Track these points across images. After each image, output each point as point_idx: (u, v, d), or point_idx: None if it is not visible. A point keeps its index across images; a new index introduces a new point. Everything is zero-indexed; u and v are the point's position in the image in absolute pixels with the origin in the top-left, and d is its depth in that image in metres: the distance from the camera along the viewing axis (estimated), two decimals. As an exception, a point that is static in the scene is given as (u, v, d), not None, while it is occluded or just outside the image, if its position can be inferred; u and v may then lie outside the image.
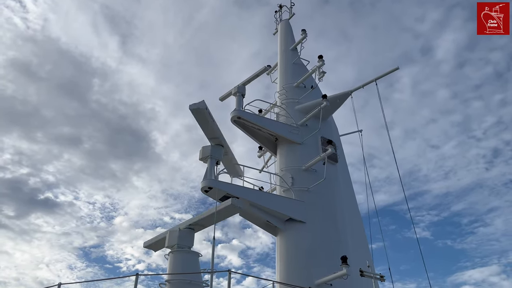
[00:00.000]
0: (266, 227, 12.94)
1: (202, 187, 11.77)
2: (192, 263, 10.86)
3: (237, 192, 12.05)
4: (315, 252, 11.81)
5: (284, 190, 13.40)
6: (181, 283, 10.39)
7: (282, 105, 15.91)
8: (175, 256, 10.88)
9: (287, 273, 11.70)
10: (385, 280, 8.88)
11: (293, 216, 12.41)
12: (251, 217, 12.63)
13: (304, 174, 13.47)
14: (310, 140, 14.20)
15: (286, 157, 14.29)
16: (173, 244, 11.04)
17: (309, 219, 12.42)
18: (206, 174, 11.88)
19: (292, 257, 12.02)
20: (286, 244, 12.34)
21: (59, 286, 6.24)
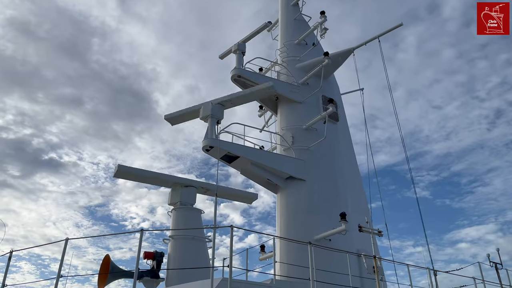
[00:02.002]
0: (266, 185, 13.15)
1: (203, 146, 11.84)
2: (195, 219, 11.15)
3: (238, 151, 12.15)
4: (314, 209, 12.07)
5: (285, 149, 13.49)
6: (184, 238, 10.74)
7: (283, 63, 15.65)
8: (178, 212, 11.15)
9: (287, 229, 12.03)
10: (383, 235, 9.14)
11: (293, 174, 12.58)
12: (252, 176, 12.81)
13: (305, 133, 13.50)
14: (311, 99, 14.10)
15: (286, 116, 14.26)
16: (176, 201, 11.27)
17: (309, 177, 12.59)
18: (207, 133, 11.91)
19: (292, 214, 12.31)
20: (287, 201, 12.60)
21: (66, 241, 6.44)
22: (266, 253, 13.16)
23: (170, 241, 10.85)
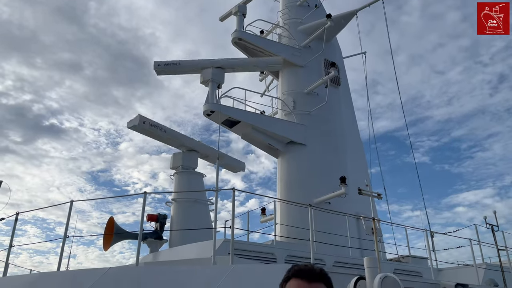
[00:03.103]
0: (268, 150, 13.23)
1: (204, 111, 11.81)
2: (197, 183, 11.31)
3: (239, 116, 12.13)
4: (315, 173, 12.20)
5: (286, 114, 13.46)
6: (186, 201, 10.93)
7: (284, 25, 15.32)
8: (180, 176, 11.29)
9: (288, 193, 12.22)
10: (382, 199, 9.30)
11: (294, 139, 12.62)
12: (253, 140, 12.86)
13: (306, 98, 13.42)
14: (312, 63, 13.91)
15: (288, 80, 14.12)
16: (177, 166, 11.38)
17: (309, 141, 12.65)
18: (207, 98, 11.85)
19: (292, 178, 12.46)
20: (287, 166, 12.72)
21: (71, 203, 6.57)
22: (267, 216, 13.44)
23: (172, 204, 11.06)
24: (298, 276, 1.44)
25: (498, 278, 10.10)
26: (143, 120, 11.53)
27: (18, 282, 6.49)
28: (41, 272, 7.15)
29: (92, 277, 5.63)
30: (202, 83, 12.37)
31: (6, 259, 7.04)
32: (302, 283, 1.42)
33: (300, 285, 1.42)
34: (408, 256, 11.37)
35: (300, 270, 1.45)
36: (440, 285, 6.68)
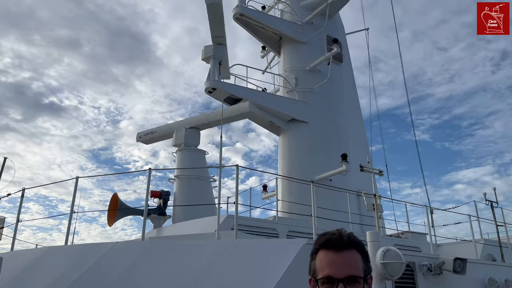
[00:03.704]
0: (269, 127, 13.25)
1: (206, 88, 11.77)
2: (199, 160, 11.37)
3: (241, 93, 12.09)
4: (316, 150, 12.26)
5: (288, 91, 13.41)
6: (189, 178, 11.02)
7: (286, 1, 15.07)
8: (182, 153, 11.35)
9: (289, 170, 12.30)
10: (383, 175, 9.37)
11: (295, 116, 12.62)
12: (255, 118, 12.85)
13: (308, 75, 13.34)
14: (315, 39, 13.76)
15: (290, 57, 14.00)
16: (180, 143, 11.43)
17: (311, 119, 12.64)
18: (209, 75, 11.78)
19: (294, 155, 12.52)
20: (289, 143, 12.76)
21: (76, 179, 6.64)
22: (268, 193, 13.57)
23: (175, 181, 11.16)
24: (326, 247, 1.37)
25: (496, 253, 10.29)
26: (139, 135, 13.05)
27: (26, 255, 6.63)
28: (49, 246, 7.29)
29: (99, 251, 5.75)
30: (203, 60, 12.27)
31: (13, 233, 7.17)
32: (331, 253, 1.35)
33: (329, 255, 1.35)
34: (408, 232, 11.55)
35: (328, 240, 1.38)
36: (439, 259, 6.83)
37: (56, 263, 6.07)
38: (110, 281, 5.30)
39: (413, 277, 6.53)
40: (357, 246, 1.38)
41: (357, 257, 1.36)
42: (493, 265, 8.46)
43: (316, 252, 1.40)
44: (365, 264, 1.37)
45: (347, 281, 1.30)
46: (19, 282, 5.89)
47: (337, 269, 1.31)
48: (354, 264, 1.34)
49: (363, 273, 1.34)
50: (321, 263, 1.36)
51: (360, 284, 1.32)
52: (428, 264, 6.72)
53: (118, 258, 5.62)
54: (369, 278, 1.37)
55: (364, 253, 1.39)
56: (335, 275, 1.30)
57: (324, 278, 1.32)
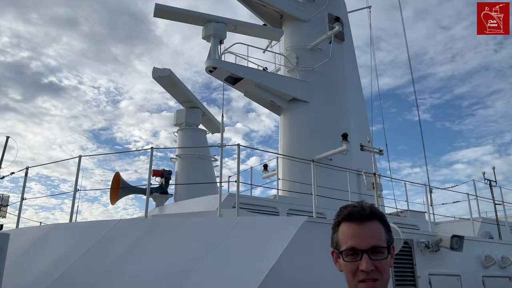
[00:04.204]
0: (270, 107, 13.24)
1: (207, 67, 11.69)
2: (200, 139, 11.42)
3: (242, 73, 12.02)
4: (317, 130, 12.28)
5: (289, 70, 13.34)
6: (190, 157, 11.10)
7: (288, -22, 14.80)
8: (183, 133, 11.39)
9: (290, 150, 12.36)
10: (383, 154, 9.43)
11: (296, 96, 12.59)
12: (256, 98, 12.83)
13: (309, 54, 13.24)
14: (316, 17, 13.59)
15: (291, 36, 13.86)
16: (181, 122, 11.45)
17: (312, 99, 12.62)
18: (209, 54, 11.68)
19: (294, 135, 12.56)
20: (289, 123, 12.78)
21: (79, 157, 6.70)
22: (269, 172, 13.68)
23: (177, 160, 11.24)
24: (348, 219, 1.38)
25: (494, 231, 10.45)
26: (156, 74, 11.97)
27: (32, 232, 6.76)
28: (54, 224, 7.42)
29: (103, 228, 5.86)
30: (203, 39, 12.16)
31: (18, 211, 7.29)
32: (353, 225, 1.36)
33: (352, 227, 1.36)
34: (407, 211, 11.69)
35: (350, 212, 1.39)
36: (436, 236, 6.95)
37: (61, 240, 6.19)
38: (114, 258, 5.42)
39: (411, 253, 6.67)
40: (379, 217, 1.39)
41: (380, 228, 1.37)
42: (490, 242, 8.61)
43: (338, 224, 1.41)
44: (387, 234, 1.38)
45: (371, 251, 1.31)
46: (25, 258, 6.02)
47: (361, 240, 1.33)
48: (377, 235, 1.35)
49: (386, 243, 1.35)
50: (344, 235, 1.37)
51: (384, 254, 1.33)
52: (426, 241, 6.85)
53: (121, 235, 5.73)
54: (391, 248, 1.39)
55: (385, 224, 1.40)
56: (359, 246, 1.32)
57: (348, 249, 1.33)
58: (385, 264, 1.33)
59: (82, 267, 5.39)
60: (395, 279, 6.29)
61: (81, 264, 5.42)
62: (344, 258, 1.35)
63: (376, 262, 1.31)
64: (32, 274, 5.56)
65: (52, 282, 5.24)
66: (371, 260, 1.30)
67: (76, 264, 5.43)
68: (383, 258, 1.32)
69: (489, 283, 7.66)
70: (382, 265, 1.32)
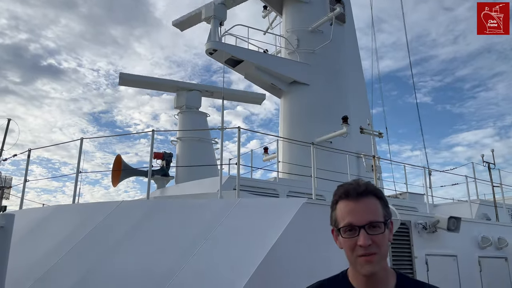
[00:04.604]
0: (271, 90, 13.23)
1: (207, 49, 11.64)
2: (201, 122, 11.47)
3: (242, 55, 11.96)
4: (317, 112, 12.31)
5: (289, 53, 13.27)
6: (191, 140, 11.17)
7: (289, -42, 14.57)
8: (184, 116, 11.43)
9: (290, 133, 12.41)
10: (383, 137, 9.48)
11: (297, 78, 12.57)
12: (256, 80, 12.81)
13: (310, 36, 13.16)
14: (317, -2, 13.45)
15: (292, 17, 13.74)
16: (181, 105, 11.48)
17: (313, 81, 12.61)
18: (210, 36, 11.62)
19: (295, 118, 12.59)
20: (290, 106, 12.79)
21: (81, 140, 6.76)
22: (269, 155, 13.76)
23: (177, 143, 11.32)
24: (345, 197, 1.42)
25: (491, 213, 10.58)
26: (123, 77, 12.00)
27: (35, 214, 6.87)
28: (57, 205, 7.53)
29: (106, 209, 5.96)
30: (203, 20, 12.08)
31: (22, 192, 7.39)
32: (350, 203, 1.40)
33: (349, 204, 1.39)
34: (406, 193, 11.82)
35: (346, 190, 1.42)
36: (434, 218, 7.06)
37: (64, 221, 6.31)
38: (117, 238, 5.53)
39: (408, 234, 6.79)
40: (375, 193, 1.41)
41: (376, 204, 1.40)
42: (487, 224, 8.74)
43: (336, 203, 1.45)
44: (384, 210, 1.41)
45: (368, 226, 1.34)
46: (30, 238, 6.14)
47: (358, 216, 1.36)
48: (373, 210, 1.38)
49: (383, 218, 1.38)
50: (341, 213, 1.40)
51: (381, 228, 1.36)
52: (423, 222, 6.96)
53: (124, 216, 5.84)
54: (389, 223, 1.41)
55: (382, 199, 1.43)
56: (356, 222, 1.35)
57: (345, 226, 1.37)
58: (383, 238, 1.36)
59: (85, 247, 5.51)
60: (393, 259, 6.43)
61: (84, 244, 5.54)
62: (342, 234, 1.39)
63: (374, 236, 1.34)
64: (37, 254, 5.68)
65: (56, 262, 5.37)
66: (369, 235, 1.34)
67: (80, 244, 5.55)
68: (381, 233, 1.36)
69: (485, 263, 7.81)
70: (380, 239, 1.35)
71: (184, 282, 4.63)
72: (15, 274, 3.25)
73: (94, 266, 5.19)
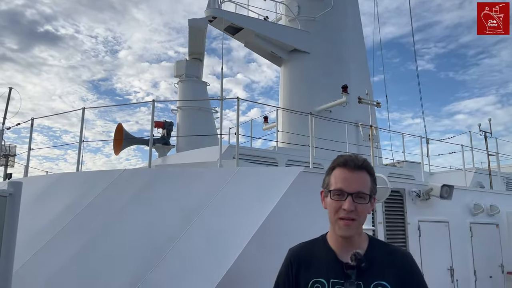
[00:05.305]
0: (271, 58, 13.16)
1: (206, 17, 11.50)
2: (201, 91, 11.50)
3: (242, 22, 11.83)
4: (317, 81, 12.30)
5: (290, 20, 13.10)
6: (191, 109, 11.25)
7: None
8: (184, 84, 11.45)
9: (290, 101, 12.46)
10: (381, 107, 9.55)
11: (297, 46, 12.48)
12: (256, 48, 12.72)
13: (311, 2, 12.94)
14: (319, -36, 13.10)
15: (293, -16, 13.45)
16: (181, 74, 11.47)
17: (313, 49, 12.52)
18: (209, 3, 11.44)
19: (295, 86, 12.60)
20: (290, 74, 12.77)
21: (83, 109, 6.85)
22: (269, 124, 13.87)
23: (178, 112, 11.40)
24: (342, 166, 1.57)
25: (486, 181, 10.81)
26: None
27: (41, 181, 7.07)
28: (61, 173, 7.72)
29: (109, 177, 6.14)
30: (203, -14, 11.85)
31: (26, 160, 7.57)
32: (346, 171, 1.55)
33: (345, 172, 1.55)
34: (403, 161, 12.01)
35: (345, 160, 1.58)
36: (428, 186, 7.26)
37: (69, 188, 6.50)
38: (120, 205, 5.74)
39: (402, 202, 7.01)
40: (368, 170, 1.58)
41: (367, 179, 1.56)
42: (480, 191, 8.96)
43: (333, 169, 1.61)
44: (372, 185, 1.58)
45: (355, 195, 1.51)
46: (36, 206, 6.35)
47: (349, 184, 1.52)
48: (363, 183, 1.54)
49: (369, 192, 1.55)
50: (335, 178, 1.56)
51: (365, 200, 1.53)
52: (417, 190, 7.16)
53: (127, 184, 6.03)
54: (373, 198, 1.58)
55: (373, 176, 1.60)
56: (346, 189, 1.52)
57: (336, 190, 1.54)
58: (364, 208, 1.54)
59: (90, 214, 5.72)
60: (386, 225, 6.67)
61: (89, 211, 5.75)
62: (331, 196, 1.56)
63: (358, 205, 1.52)
64: (43, 221, 5.90)
65: (62, 229, 5.59)
66: (354, 202, 1.51)
67: (84, 211, 5.76)
68: (364, 203, 1.54)
69: (476, 229, 8.08)
70: (362, 208, 1.53)
71: (186, 247, 4.86)
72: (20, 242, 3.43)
73: (99, 232, 5.42)
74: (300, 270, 1.63)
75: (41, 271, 5.06)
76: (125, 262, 4.89)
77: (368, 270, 1.51)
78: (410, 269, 1.57)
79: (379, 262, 1.55)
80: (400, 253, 1.63)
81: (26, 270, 5.05)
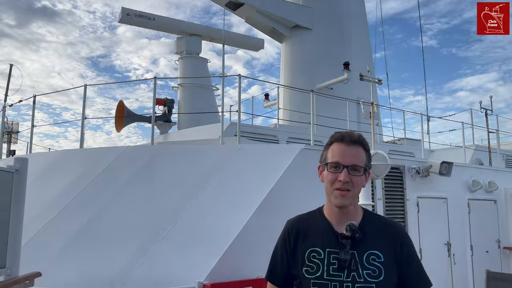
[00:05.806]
0: (272, 34, 13.02)
1: (206, -8, 11.33)
2: (201, 68, 11.45)
3: (243, -3, 11.65)
4: (319, 58, 12.22)
5: (291, -5, 12.89)
6: (192, 86, 11.22)
7: None
8: (184, 61, 11.38)
9: (291, 79, 12.41)
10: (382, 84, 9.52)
11: (299, 22, 12.33)
12: (257, 24, 12.57)
13: (313, -23, 12.70)
14: None
15: (294, -43, 13.17)
16: (181, 50, 11.38)
17: (315, 26, 12.38)
18: (209, -23, 11.26)
19: (296, 63, 12.52)
20: (291, 51, 12.66)
21: (85, 87, 6.86)
22: (270, 101, 13.85)
23: (179, 89, 11.38)
24: (339, 141, 1.66)
25: (486, 158, 10.89)
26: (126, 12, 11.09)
27: (44, 158, 7.14)
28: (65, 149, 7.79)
29: (112, 154, 6.21)
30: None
31: (30, 137, 7.63)
32: (342, 146, 1.64)
33: (341, 147, 1.64)
34: (403, 139, 12.06)
35: (342, 135, 1.67)
36: (427, 162, 7.33)
37: (72, 165, 6.58)
38: (123, 182, 5.83)
39: (401, 178, 7.10)
40: (364, 145, 1.67)
41: (363, 153, 1.65)
42: (479, 168, 9.04)
43: (331, 144, 1.70)
44: (367, 160, 1.67)
45: (350, 168, 1.60)
46: (41, 182, 6.44)
47: (345, 157, 1.61)
48: (359, 157, 1.63)
49: (364, 165, 1.63)
50: (332, 152, 1.65)
51: (360, 172, 1.61)
52: (417, 167, 7.24)
53: (130, 161, 6.10)
54: (367, 172, 1.67)
55: (368, 151, 1.70)
56: (342, 162, 1.61)
57: (333, 163, 1.63)
58: (359, 180, 1.63)
59: (93, 191, 5.82)
60: (385, 201, 6.78)
61: (92, 188, 5.85)
62: (328, 169, 1.65)
63: (353, 177, 1.61)
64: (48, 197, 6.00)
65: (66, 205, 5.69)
66: (349, 175, 1.60)
67: (87, 188, 5.85)
68: (358, 175, 1.63)
69: (473, 205, 8.21)
70: (357, 180, 1.62)
71: (189, 221, 4.98)
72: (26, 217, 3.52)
73: (103, 208, 5.53)
74: (297, 240, 1.72)
75: (47, 246, 5.18)
76: (130, 237, 5.01)
77: (362, 240, 1.60)
78: (402, 239, 1.66)
79: (373, 233, 1.64)
80: (393, 225, 1.73)
81: (32, 245, 5.17)
